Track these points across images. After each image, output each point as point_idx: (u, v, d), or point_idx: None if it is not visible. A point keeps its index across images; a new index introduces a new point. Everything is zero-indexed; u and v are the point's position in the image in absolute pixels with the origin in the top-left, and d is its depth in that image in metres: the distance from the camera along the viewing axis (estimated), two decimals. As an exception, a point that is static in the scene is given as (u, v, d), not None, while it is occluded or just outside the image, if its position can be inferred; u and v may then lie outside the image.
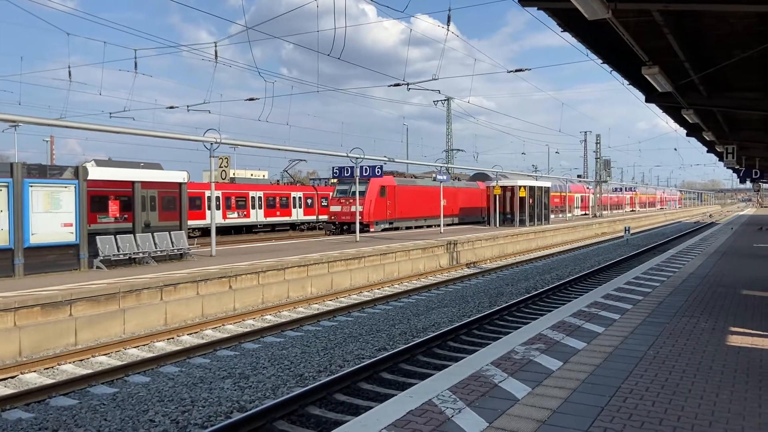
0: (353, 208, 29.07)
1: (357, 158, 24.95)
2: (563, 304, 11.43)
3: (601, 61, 10.02)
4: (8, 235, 13.26)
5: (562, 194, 52.68)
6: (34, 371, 9.48)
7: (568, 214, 52.87)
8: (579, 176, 69.71)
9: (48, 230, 14.08)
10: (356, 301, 15.43)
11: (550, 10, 7.71)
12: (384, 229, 32.20)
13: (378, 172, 25.77)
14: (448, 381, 5.49)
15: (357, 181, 26.15)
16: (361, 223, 29.01)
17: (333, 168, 26.71)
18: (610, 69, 10.58)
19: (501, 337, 8.33)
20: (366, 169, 25.46)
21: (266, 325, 12.58)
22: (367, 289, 17.77)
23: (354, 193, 29.06)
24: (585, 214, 57.15)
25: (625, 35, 7.62)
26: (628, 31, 7.64)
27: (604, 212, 61.71)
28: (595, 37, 9.04)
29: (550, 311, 10.56)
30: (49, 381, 8.91)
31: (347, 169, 25.67)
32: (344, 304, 14.93)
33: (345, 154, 25.41)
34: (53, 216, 14.18)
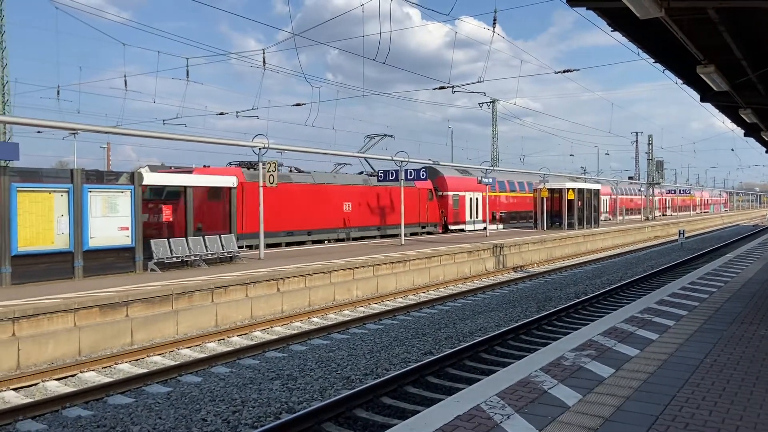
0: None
1: (402, 161, 24.96)
2: (614, 310, 11.16)
3: (653, 60, 9.76)
4: (69, 238, 13.82)
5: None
6: (93, 370, 9.84)
7: None
8: (630, 178, 67.91)
9: (106, 234, 14.60)
10: (402, 305, 15.43)
11: (600, 10, 7.56)
12: None
13: (423, 175, 25.60)
14: (496, 386, 5.44)
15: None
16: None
17: (378, 171, 26.67)
18: (663, 68, 10.29)
19: (550, 343, 8.21)
20: (410, 172, 25.38)
21: (313, 327, 12.72)
22: (413, 292, 17.76)
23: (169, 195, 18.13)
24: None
25: (678, 34, 7.41)
26: (682, 30, 7.42)
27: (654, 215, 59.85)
28: (647, 35, 8.81)
29: (601, 317, 10.33)
30: (107, 380, 9.24)
31: (392, 173, 25.58)
32: (390, 308, 14.97)
33: (390, 158, 25.44)
34: (110, 220, 14.70)
